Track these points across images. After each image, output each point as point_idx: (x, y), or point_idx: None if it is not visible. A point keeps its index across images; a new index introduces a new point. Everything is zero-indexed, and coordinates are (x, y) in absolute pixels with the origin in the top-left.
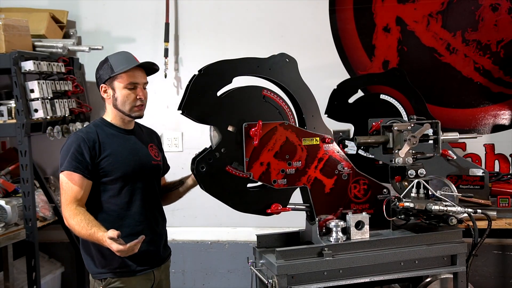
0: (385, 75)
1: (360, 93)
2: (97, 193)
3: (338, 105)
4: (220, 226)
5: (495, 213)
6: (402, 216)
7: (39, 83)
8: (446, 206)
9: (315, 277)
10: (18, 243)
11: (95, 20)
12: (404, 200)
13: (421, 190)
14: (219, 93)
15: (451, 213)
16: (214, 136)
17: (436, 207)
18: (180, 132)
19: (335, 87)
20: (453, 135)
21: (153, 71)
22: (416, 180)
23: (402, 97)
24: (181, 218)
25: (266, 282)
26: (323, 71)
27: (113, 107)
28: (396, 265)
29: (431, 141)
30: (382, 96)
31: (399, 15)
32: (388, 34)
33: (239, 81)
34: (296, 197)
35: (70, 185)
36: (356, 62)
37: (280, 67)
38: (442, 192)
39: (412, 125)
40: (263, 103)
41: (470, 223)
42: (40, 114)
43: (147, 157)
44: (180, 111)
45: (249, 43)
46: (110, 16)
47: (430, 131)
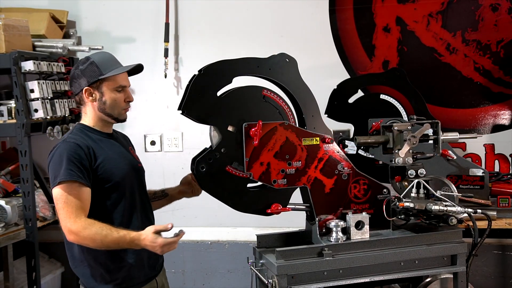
0: (385, 75)
1: (360, 93)
2: (97, 202)
3: (338, 105)
4: (220, 226)
5: (495, 213)
6: (402, 216)
7: (39, 83)
8: (446, 206)
9: (315, 277)
10: (18, 243)
11: (95, 20)
12: (404, 200)
13: (421, 190)
14: (219, 93)
15: (451, 213)
16: (214, 136)
17: (436, 207)
18: (180, 132)
19: (335, 87)
20: (453, 135)
21: (134, 72)
22: (416, 180)
23: (402, 97)
24: (181, 218)
25: (266, 282)
26: (323, 71)
27: (99, 111)
28: (396, 265)
29: (431, 141)
30: (382, 96)
31: (399, 15)
32: (388, 34)
33: (239, 81)
34: (296, 197)
35: (70, 197)
36: (356, 62)
37: (280, 67)
38: (442, 192)
39: (412, 125)
40: (263, 103)
41: (470, 223)
42: (40, 114)
43: (133, 160)
44: (180, 111)
45: (249, 43)
46: (110, 16)
47: (430, 131)
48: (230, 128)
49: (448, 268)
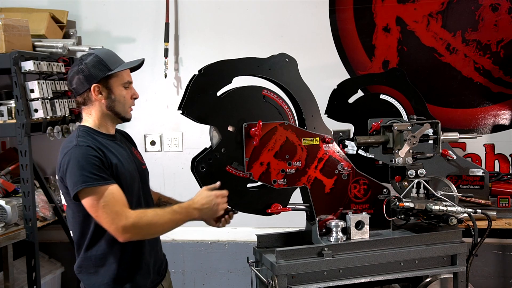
0: (385, 75)
1: (360, 93)
2: None
3: (338, 105)
4: None
5: (495, 213)
6: (402, 216)
7: (39, 83)
8: (446, 206)
9: (315, 277)
10: (18, 243)
11: (95, 20)
12: (404, 200)
13: (421, 190)
14: (219, 93)
15: (451, 213)
16: (214, 136)
17: (436, 207)
18: (180, 132)
19: (335, 87)
20: (453, 135)
21: (136, 68)
22: (416, 180)
23: (402, 97)
24: None
25: (266, 282)
26: (323, 71)
27: (107, 109)
28: (396, 265)
29: (431, 141)
30: (382, 96)
31: (399, 15)
32: (388, 34)
33: (239, 81)
34: (296, 197)
35: (107, 199)
36: (356, 62)
37: (280, 67)
38: (442, 192)
39: (412, 125)
40: (263, 103)
41: (470, 223)
42: (40, 114)
43: (139, 163)
44: (180, 111)
45: (249, 43)
46: (110, 16)
47: (430, 131)
48: (230, 128)
49: (448, 268)
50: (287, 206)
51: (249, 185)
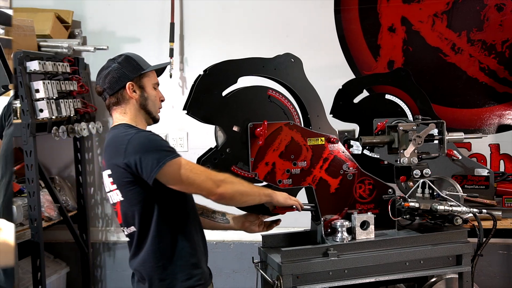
0: (390, 75)
1: (365, 93)
2: (176, 201)
3: (343, 105)
4: None
5: (500, 213)
6: (407, 216)
7: (44, 83)
8: (451, 206)
9: (320, 277)
10: (23, 243)
11: (100, 20)
12: (409, 200)
13: (426, 190)
14: (224, 93)
15: (456, 213)
16: (219, 136)
17: (442, 207)
18: (185, 132)
19: (340, 87)
20: (458, 135)
21: (158, 72)
22: (421, 180)
23: (407, 97)
24: None
25: (271, 282)
26: (328, 71)
27: (141, 108)
28: (401, 265)
29: (436, 141)
30: (387, 96)
31: (404, 15)
32: (393, 34)
33: (244, 81)
34: (301, 197)
35: (190, 165)
36: (361, 62)
37: (285, 67)
38: (447, 192)
39: (417, 125)
40: (268, 103)
41: (476, 223)
42: (45, 114)
43: None
44: (185, 111)
45: (254, 43)
46: (115, 16)
47: (435, 131)
48: (235, 128)
49: (453, 268)
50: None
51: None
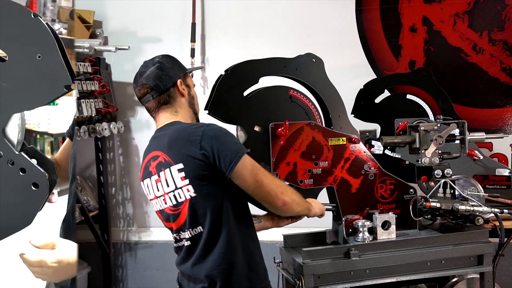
0: (412, 75)
1: (386, 93)
2: (241, 198)
3: (364, 105)
4: None
5: None
6: (429, 216)
7: None
8: (472, 206)
9: (342, 277)
10: None
11: (121, 20)
12: (430, 200)
13: (448, 190)
14: (245, 93)
15: (477, 213)
16: (240, 136)
17: (463, 207)
18: None
19: (362, 87)
20: (480, 135)
21: None
22: (442, 180)
23: (429, 97)
24: None
25: (293, 282)
26: (349, 71)
27: (189, 107)
28: (422, 265)
29: (457, 141)
30: (409, 96)
31: (425, 15)
32: (415, 34)
33: (266, 81)
34: (322, 197)
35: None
36: (383, 62)
37: (306, 67)
38: (468, 192)
39: (439, 125)
40: (290, 103)
41: (497, 223)
42: None
43: None
44: (207, 111)
45: (276, 43)
46: (137, 16)
47: (456, 131)
48: (256, 128)
49: (475, 268)
50: None
51: None
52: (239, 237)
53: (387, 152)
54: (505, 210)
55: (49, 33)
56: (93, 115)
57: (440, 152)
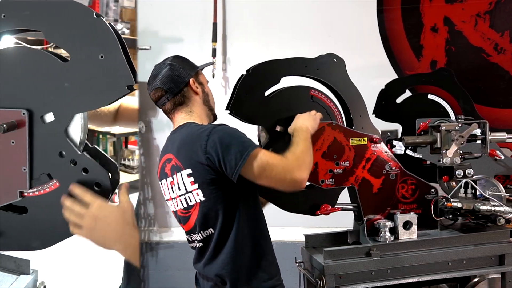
0: (433, 75)
1: (408, 93)
2: (252, 197)
3: (386, 105)
4: (268, 226)
5: None
6: (450, 216)
7: None
8: (494, 206)
9: (363, 277)
10: None
11: (143, 20)
12: (452, 200)
13: (469, 190)
14: (266, 93)
15: (499, 213)
16: (262, 136)
17: (484, 207)
18: None
19: (383, 87)
20: (501, 135)
21: None
22: (464, 180)
23: (450, 97)
24: None
25: (314, 282)
26: (371, 71)
27: (204, 104)
28: (444, 265)
29: (479, 141)
30: (430, 96)
31: (447, 15)
32: (436, 34)
33: (287, 81)
34: (344, 197)
35: (268, 155)
36: (404, 62)
37: (328, 67)
38: (490, 192)
39: (460, 125)
40: (311, 103)
41: None
42: None
43: None
44: (228, 111)
45: (297, 43)
46: (158, 16)
47: (478, 131)
48: (278, 128)
49: (496, 268)
50: (336, 206)
51: None
52: (249, 236)
53: (409, 152)
54: None
55: (111, 33)
56: None
57: (461, 152)
